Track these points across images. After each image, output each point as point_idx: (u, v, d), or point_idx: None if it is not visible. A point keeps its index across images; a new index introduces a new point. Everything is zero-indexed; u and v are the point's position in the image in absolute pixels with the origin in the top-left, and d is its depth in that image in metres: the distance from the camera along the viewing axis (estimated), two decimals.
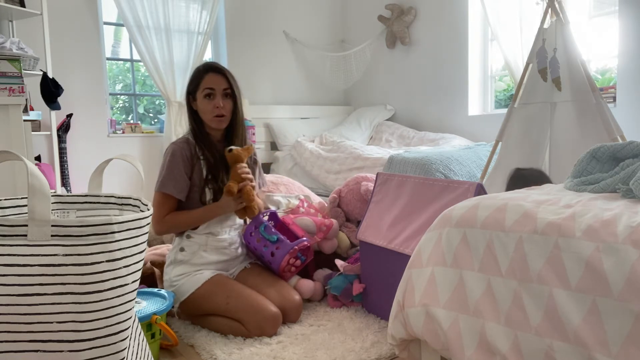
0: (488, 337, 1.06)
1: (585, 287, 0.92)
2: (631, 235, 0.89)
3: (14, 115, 1.96)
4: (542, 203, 1.10)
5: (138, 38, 3.91)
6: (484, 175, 2.60)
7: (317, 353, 1.61)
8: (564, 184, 1.37)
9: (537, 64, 2.40)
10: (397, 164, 3.04)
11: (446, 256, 1.20)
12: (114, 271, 0.92)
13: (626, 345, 0.86)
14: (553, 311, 0.96)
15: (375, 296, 1.95)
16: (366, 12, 4.88)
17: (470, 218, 1.17)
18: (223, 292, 1.80)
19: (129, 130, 4.05)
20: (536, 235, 1.02)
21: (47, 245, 0.88)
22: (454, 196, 1.66)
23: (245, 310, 1.75)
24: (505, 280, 1.06)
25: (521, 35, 3.59)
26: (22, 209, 1.11)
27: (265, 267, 2.02)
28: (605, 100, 2.38)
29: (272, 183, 2.63)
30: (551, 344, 0.95)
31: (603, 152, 1.30)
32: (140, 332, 1.09)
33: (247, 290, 1.82)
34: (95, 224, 0.90)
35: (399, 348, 1.33)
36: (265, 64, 4.74)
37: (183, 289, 1.85)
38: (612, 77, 3.37)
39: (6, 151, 0.97)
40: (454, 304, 1.15)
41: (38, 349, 0.90)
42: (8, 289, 0.86)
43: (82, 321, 0.90)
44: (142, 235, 0.98)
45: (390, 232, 1.85)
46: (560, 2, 2.42)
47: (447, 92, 4.19)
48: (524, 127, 2.49)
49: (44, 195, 0.89)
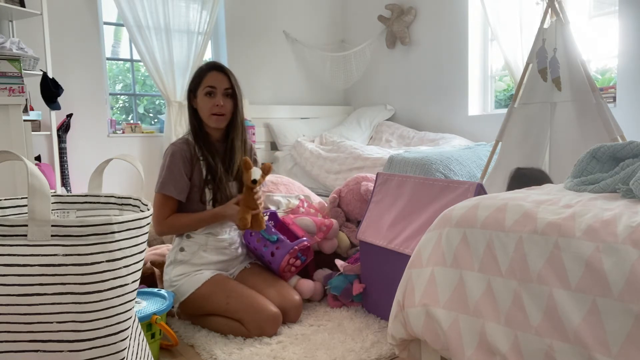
0: (488, 337, 1.06)
1: (585, 287, 0.92)
2: (631, 235, 0.89)
3: (14, 115, 1.96)
4: (542, 203, 1.10)
5: (138, 38, 3.91)
6: (484, 175, 2.60)
7: (317, 353, 1.61)
8: (564, 184, 1.37)
9: (537, 64, 2.40)
10: (397, 164, 3.04)
11: (446, 256, 1.20)
12: (114, 271, 0.92)
13: (626, 346, 0.86)
14: (553, 311, 0.96)
15: (375, 296, 1.95)
16: (366, 12, 4.88)
17: (470, 218, 1.17)
18: (223, 292, 1.80)
19: (129, 130, 4.05)
20: (536, 235, 1.02)
21: (47, 245, 0.88)
22: (454, 196, 1.66)
23: (245, 310, 1.75)
24: (505, 280, 1.06)
25: (521, 35, 3.59)
26: (22, 209, 1.11)
27: (265, 267, 2.02)
28: (605, 100, 2.38)
29: (272, 183, 2.63)
30: (551, 344, 0.95)
31: (603, 152, 1.30)
32: (140, 332, 1.09)
33: (247, 290, 1.82)
34: (95, 224, 0.90)
35: (399, 348, 1.33)
36: (265, 64, 4.74)
37: (183, 289, 1.85)
38: (612, 77, 3.37)
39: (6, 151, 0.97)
40: (454, 304, 1.15)
41: (38, 349, 0.90)
42: (8, 289, 0.86)
43: (82, 321, 0.90)
44: (142, 235, 0.98)
45: (390, 232, 1.85)
46: (560, 2, 2.43)
47: (447, 92, 4.19)
48: (524, 127, 2.50)
49: (44, 195, 0.89)
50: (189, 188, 1.90)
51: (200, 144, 1.94)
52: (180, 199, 1.89)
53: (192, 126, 1.98)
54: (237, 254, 2.01)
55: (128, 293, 0.96)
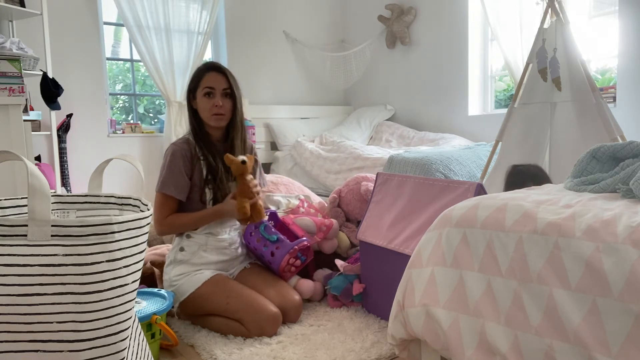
0: (488, 337, 1.06)
1: (585, 287, 0.92)
2: (631, 235, 0.90)
3: (14, 115, 1.96)
4: (542, 203, 1.10)
5: (138, 38, 3.91)
6: (484, 175, 2.60)
7: (317, 353, 1.61)
8: (564, 184, 1.37)
9: (537, 64, 2.40)
10: (397, 164, 3.04)
11: (446, 256, 1.20)
12: (114, 271, 0.92)
13: (626, 346, 0.86)
14: (553, 311, 0.96)
15: (375, 296, 1.95)
16: (366, 12, 4.88)
17: (471, 218, 1.17)
18: (223, 292, 1.80)
19: (129, 130, 4.05)
20: (536, 236, 1.02)
21: (47, 245, 0.88)
22: (454, 196, 1.66)
23: (245, 310, 1.75)
24: (505, 280, 1.06)
25: (521, 35, 3.60)
26: (22, 209, 1.11)
27: (265, 267, 2.02)
28: (605, 100, 2.38)
29: (272, 183, 2.63)
30: (551, 344, 0.95)
31: (603, 152, 1.30)
32: (140, 332, 1.09)
33: (247, 290, 1.82)
34: (95, 224, 0.90)
35: (399, 348, 1.33)
36: (265, 64, 4.74)
37: (183, 288, 1.85)
38: (612, 77, 3.38)
39: (6, 151, 0.97)
40: (454, 304, 1.15)
41: (38, 349, 0.90)
42: (8, 289, 0.87)
43: (82, 321, 0.90)
44: (142, 235, 0.98)
45: (390, 232, 1.85)
46: (560, 2, 2.43)
47: (447, 92, 4.19)
48: (524, 127, 2.50)
49: (44, 195, 0.89)
50: (189, 187, 1.90)
51: (200, 144, 1.94)
52: (180, 198, 1.89)
53: (192, 126, 1.98)
54: (237, 254, 2.01)
55: (128, 293, 0.96)
